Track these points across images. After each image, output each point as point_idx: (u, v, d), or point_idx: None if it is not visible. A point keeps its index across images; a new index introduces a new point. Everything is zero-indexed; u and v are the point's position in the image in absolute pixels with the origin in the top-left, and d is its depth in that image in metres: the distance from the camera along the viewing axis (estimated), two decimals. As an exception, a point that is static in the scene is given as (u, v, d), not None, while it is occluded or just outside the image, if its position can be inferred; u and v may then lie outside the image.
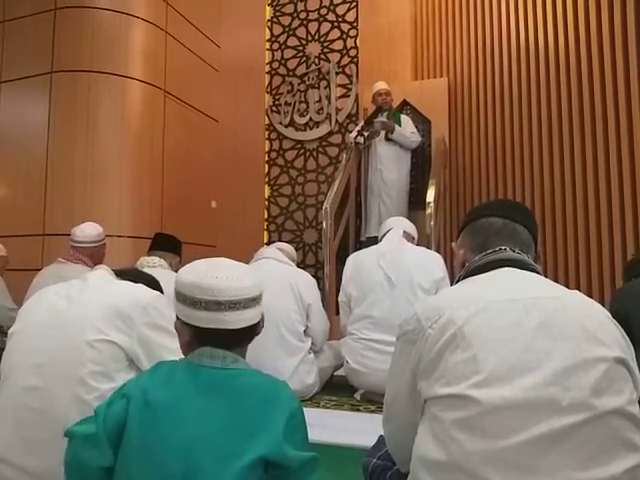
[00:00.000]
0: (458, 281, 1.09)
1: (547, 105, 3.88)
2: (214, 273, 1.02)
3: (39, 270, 3.02)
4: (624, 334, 0.92)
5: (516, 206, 1.17)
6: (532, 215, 1.16)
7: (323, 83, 5.27)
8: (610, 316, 0.94)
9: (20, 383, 1.28)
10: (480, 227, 1.10)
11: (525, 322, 0.88)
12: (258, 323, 1.09)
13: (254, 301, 1.05)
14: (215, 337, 1.02)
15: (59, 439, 1.23)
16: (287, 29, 5.47)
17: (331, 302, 3.65)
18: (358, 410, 2.37)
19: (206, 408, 0.95)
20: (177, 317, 1.08)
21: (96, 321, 1.30)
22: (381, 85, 4.60)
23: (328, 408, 2.41)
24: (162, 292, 1.52)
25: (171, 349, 1.32)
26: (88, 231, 3.00)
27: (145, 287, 1.44)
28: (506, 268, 1.01)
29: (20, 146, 4.27)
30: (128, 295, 1.38)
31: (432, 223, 3.68)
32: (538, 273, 1.03)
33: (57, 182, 4.11)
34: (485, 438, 0.81)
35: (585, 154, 3.55)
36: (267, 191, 5.45)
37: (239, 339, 1.05)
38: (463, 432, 0.82)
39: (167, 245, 2.89)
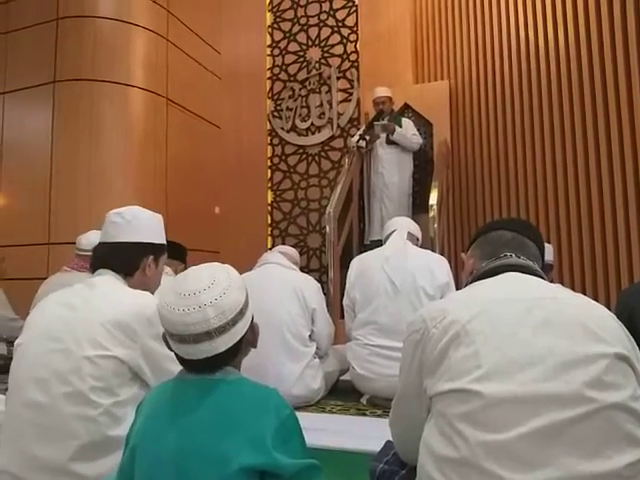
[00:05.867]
0: (466, 286, 1.11)
1: (549, 106, 3.88)
2: (191, 303, 0.96)
3: (44, 279, 3.02)
4: (628, 335, 0.93)
5: (526, 223, 1.25)
6: (540, 234, 1.20)
7: (324, 88, 5.28)
8: (615, 317, 0.94)
9: (25, 398, 1.28)
10: (490, 239, 1.14)
11: (527, 320, 0.90)
12: (247, 331, 1.03)
13: (240, 313, 1.00)
14: (205, 363, 1.00)
15: (62, 454, 1.23)
16: (288, 35, 5.48)
17: (336, 306, 3.65)
18: (364, 415, 2.36)
19: (193, 417, 0.95)
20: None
21: (97, 335, 1.30)
22: (379, 92, 4.60)
23: (334, 413, 2.40)
24: None
25: (175, 360, 1.31)
26: (93, 239, 2.98)
27: (150, 296, 1.44)
28: (511, 272, 1.04)
29: (24, 156, 4.29)
30: (132, 306, 1.37)
31: (435, 226, 3.68)
32: (543, 279, 1.05)
33: (61, 191, 4.13)
34: (487, 431, 0.82)
35: (588, 154, 3.55)
36: (270, 196, 5.45)
37: (229, 356, 1.01)
38: (466, 426, 0.84)
39: (172, 252, 2.89)
